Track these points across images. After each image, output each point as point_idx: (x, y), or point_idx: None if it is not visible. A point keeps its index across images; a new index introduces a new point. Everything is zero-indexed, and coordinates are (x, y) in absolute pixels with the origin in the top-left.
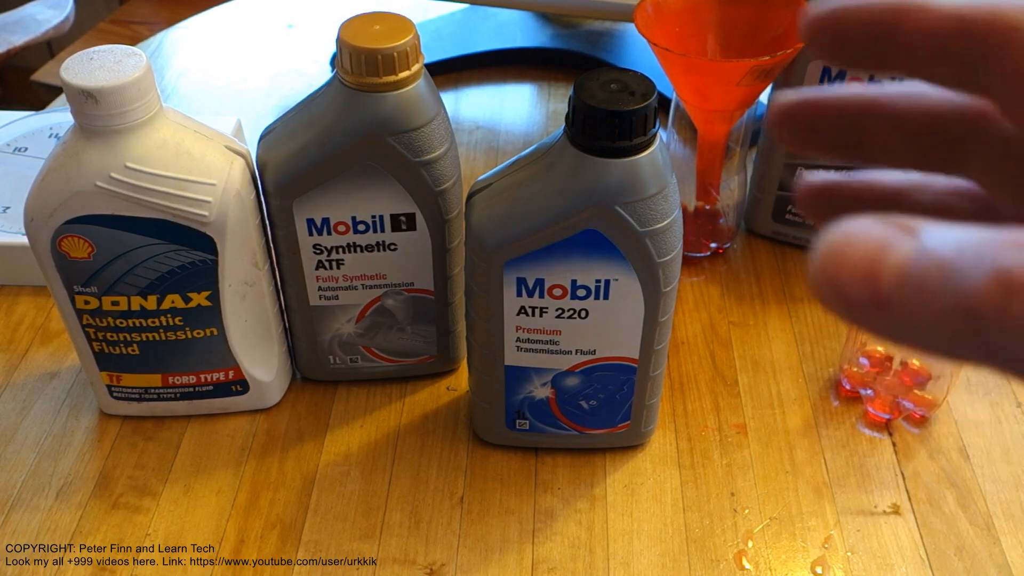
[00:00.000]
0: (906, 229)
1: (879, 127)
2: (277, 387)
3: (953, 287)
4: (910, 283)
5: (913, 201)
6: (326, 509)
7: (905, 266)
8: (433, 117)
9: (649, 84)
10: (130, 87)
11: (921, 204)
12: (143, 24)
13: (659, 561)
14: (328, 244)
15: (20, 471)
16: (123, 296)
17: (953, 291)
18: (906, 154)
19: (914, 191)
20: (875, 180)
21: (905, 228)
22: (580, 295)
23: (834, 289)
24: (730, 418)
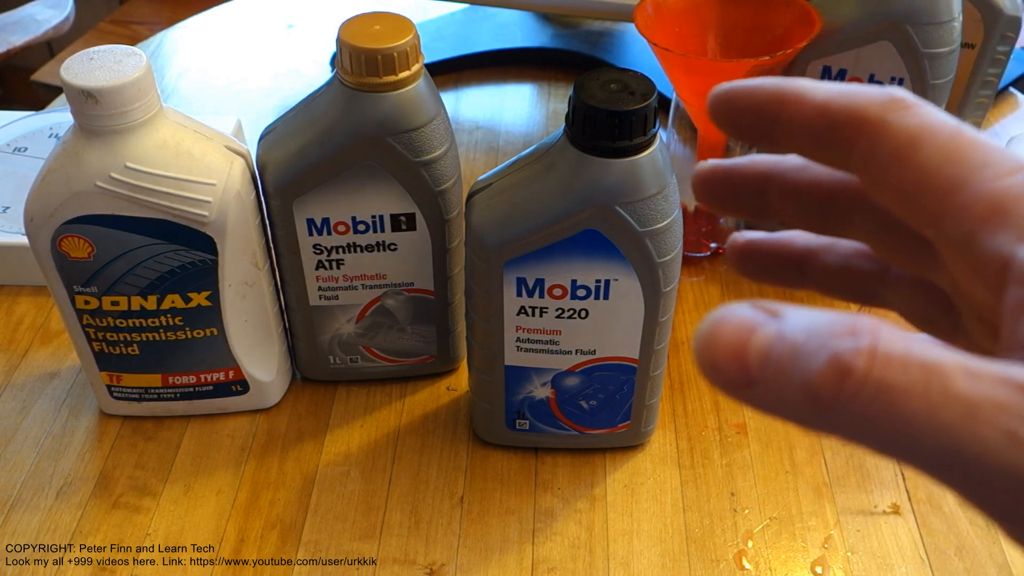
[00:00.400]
0: (771, 313)
1: (781, 195)
2: (277, 387)
3: (801, 369)
4: (769, 365)
5: (822, 261)
6: (326, 509)
7: (766, 349)
8: (433, 117)
9: (649, 84)
10: (130, 87)
11: (829, 264)
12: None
13: (659, 561)
14: (328, 244)
15: (20, 471)
16: (123, 296)
17: (801, 373)
18: (804, 218)
19: (823, 252)
20: (790, 241)
21: (770, 312)
22: (580, 295)
23: (712, 368)
24: (730, 418)
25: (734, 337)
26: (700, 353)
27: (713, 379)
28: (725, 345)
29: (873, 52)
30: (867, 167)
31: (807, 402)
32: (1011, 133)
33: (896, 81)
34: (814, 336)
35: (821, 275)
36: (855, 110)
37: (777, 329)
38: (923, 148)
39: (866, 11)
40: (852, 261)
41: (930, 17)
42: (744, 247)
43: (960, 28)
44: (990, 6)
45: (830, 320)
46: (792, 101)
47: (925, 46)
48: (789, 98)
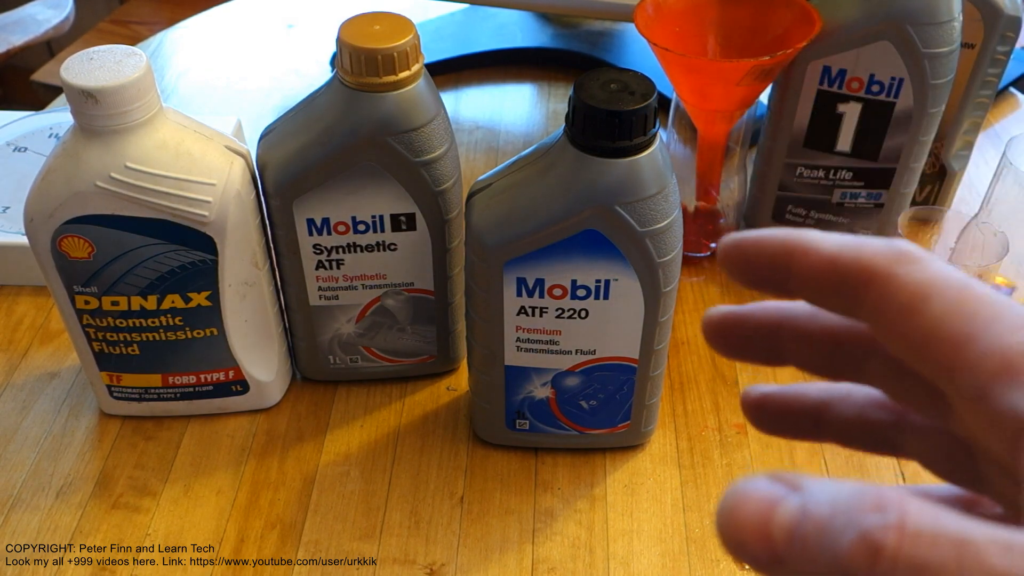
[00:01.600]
0: (792, 485)
1: (793, 341)
2: (277, 387)
3: (829, 548)
4: (796, 542)
5: (838, 413)
6: (326, 509)
7: (791, 526)
8: (433, 117)
9: (649, 84)
10: (130, 87)
11: (844, 416)
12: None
13: (659, 561)
14: (328, 244)
15: (20, 471)
16: (123, 296)
17: (829, 552)
18: (817, 364)
19: (837, 403)
20: (803, 393)
21: (791, 484)
22: (580, 295)
23: (738, 546)
24: (730, 418)
25: (757, 515)
26: (724, 531)
27: (740, 557)
28: (748, 523)
29: (873, 52)
30: (877, 319)
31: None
32: (1011, 133)
33: (896, 81)
34: (840, 511)
35: (837, 427)
36: (863, 263)
37: (800, 505)
38: (932, 302)
39: (866, 11)
40: (868, 411)
41: (930, 17)
42: (758, 401)
43: (960, 28)
44: (990, 6)
45: (854, 493)
46: (801, 254)
47: (925, 46)
48: (798, 251)
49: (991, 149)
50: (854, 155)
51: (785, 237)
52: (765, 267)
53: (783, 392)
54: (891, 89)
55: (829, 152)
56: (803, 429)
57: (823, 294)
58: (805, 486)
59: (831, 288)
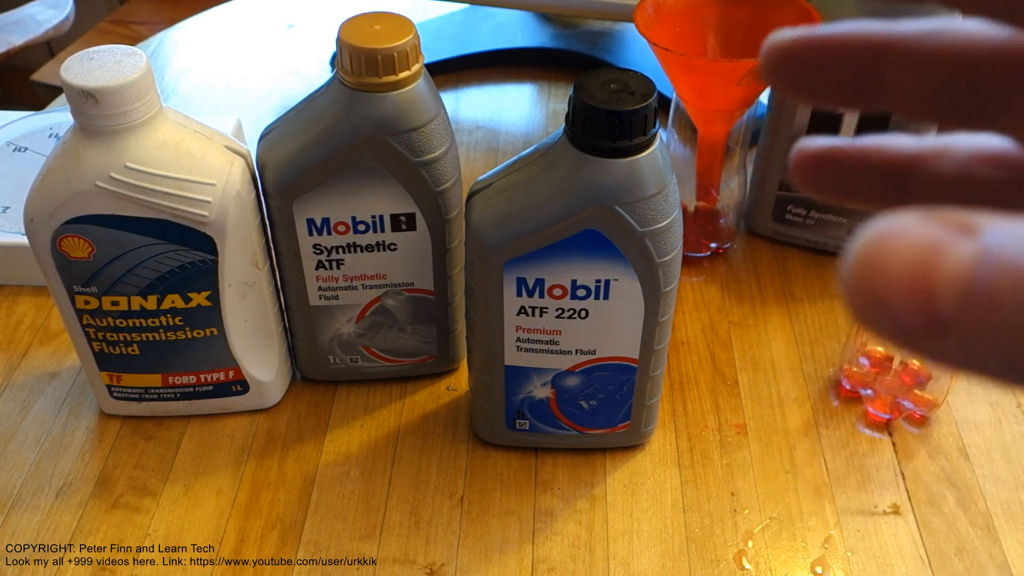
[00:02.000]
0: (963, 228)
1: (900, 71)
2: (277, 387)
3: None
4: (976, 299)
5: (931, 171)
6: (326, 509)
7: (967, 277)
8: (433, 117)
9: (649, 84)
10: (130, 87)
11: (941, 174)
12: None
13: (659, 561)
14: (328, 244)
15: (20, 471)
16: (123, 296)
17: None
18: (932, 104)
19: (932, 158)
20: (884, 146)
21: (961, 226)
22: (580, 295)
23: (878, 310)
24: (730, 418)
25: (912, 262)
26: (858, 285)
27: (877, 325)
28: (900, 274)
29: None
30: None
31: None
32: None
33: None
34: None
35: (931, 189)
36: None
37: (980, 248)
38: None
39: (866, 10)
40: (975, 168)
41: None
42: (818, 155)
43: None
44: None
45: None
46: None
47: None
48: None
49: None
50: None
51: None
52: None
53: (855, 145)
54: None
55: None
56: (881, 193)
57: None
58: (981, 226)
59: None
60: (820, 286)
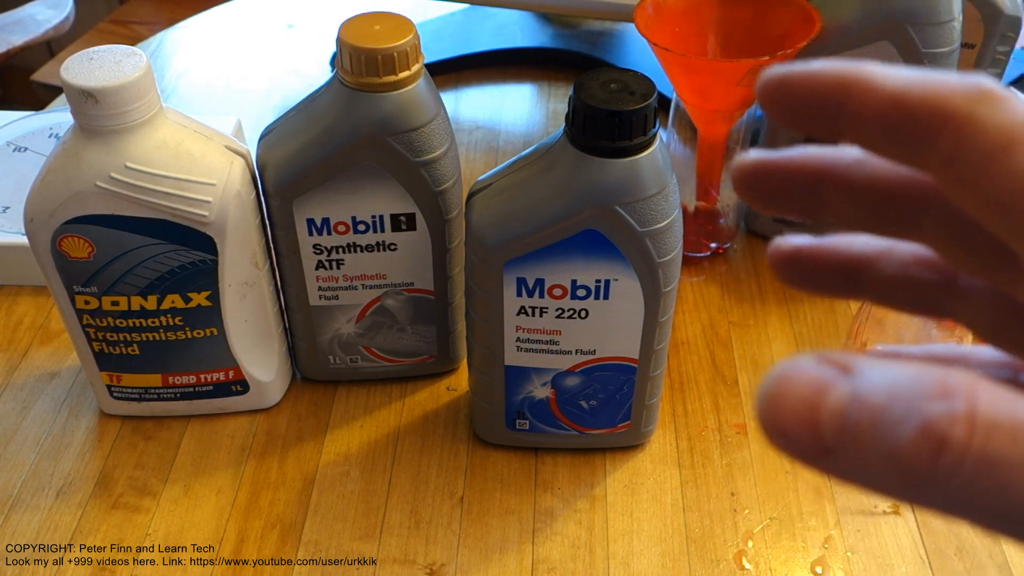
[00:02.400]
0: (843, 368)
1: (835, 192)
2: (277, 387)
3: (885, 439)
4: (847, 432)
5: (879, 271)
6: (326, 509)
7: (842, 413)
8: (433, 117)
9: (649, 84)
10: (130, 87)
11: (887, 274)
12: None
13: (659, 561)
14: (328, 244)
15: (20, 471)
16: (123, 296)
17: (886, 443)
18: (862, 219)
19: (880, 259)
20: (842, 247)
21: (842, 367)
22: (580, 295)
23: (780, 435)
24: (730, 418)
25: (803, 400)
26: (764, 416)
27: (782, 447)
28: (793, 409)
29: (873, 52)
30: (949, 169)
31: (896, 475)
32: None
33: None
34: (898, 397)
35: (878, 285)
36: (937, 102)
37: (852, 389)
38: (1019, 150)
39: (866, 11)
40: (914, 270)
41: (930, 17)
42: (790, 254)
43: (960, 28)
44: (990, 6)
45: (915, 377)
46: (861, 90)
47: (925, 46)
48: (857, 87)
49: None
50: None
51: (842, 70)
52: (815, 103)
53: (818, 244)
54: None
55: None
56: (838, 286)
57: (884, 139)
58: (858, 369)
59: (894, 132)
60: None
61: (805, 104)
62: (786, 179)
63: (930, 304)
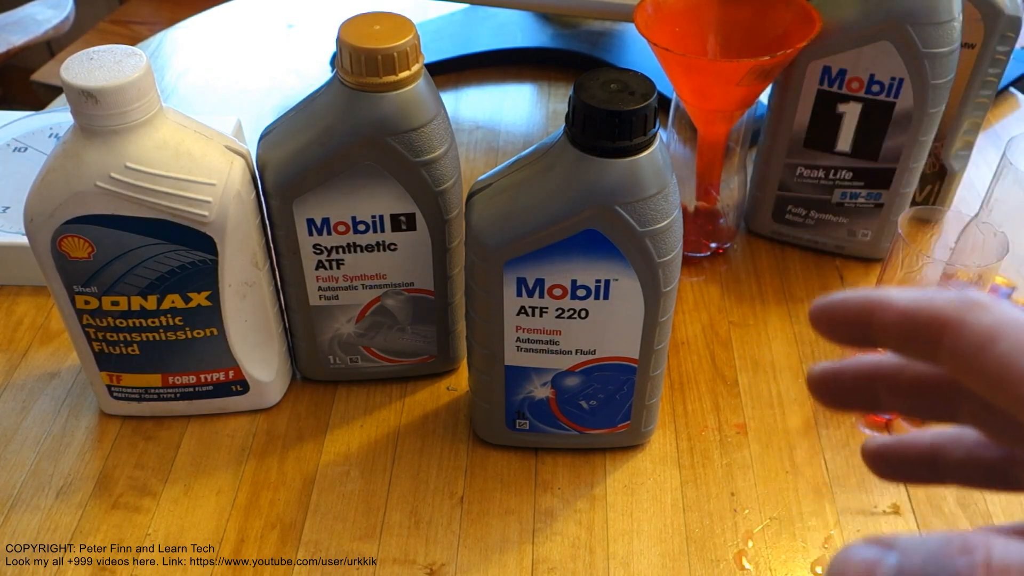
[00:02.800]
0: (886, 546)
1: (887, 392)
2: (277, 387)
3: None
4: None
5: (950, 456)
6: (326, 509)
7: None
8: (433, 117)
9: (649, 84)
10: (130, 87)
11: (957, 458)
12: (143, 24)
13: (659, 561)
14: (328, 244)
15: (20, 471)
16: (123, 296)
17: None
18: (914, 410)
19: (949, 446)
20: (917, 440)
21: (885, 545)
22: (580, 295)
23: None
24: (730, 418)
25: None
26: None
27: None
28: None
29: (873, 52)
30: (954, 361)
31: None
32: (1011, 133)
33: (896, 81)
34: (931, 561)
35: (954, 469)
36: (935, 313)
37: (896, 563)
38: (1001, 342)
39: (866, 11)
40: (977, 451)
41: (930, 17)
42: (876, 453)
43: (960, 28)
44: (990, 6)
45: (942, 541)
46: (879, 311)
47: (925, 46)
48: (877, 309)
49: (991, 149)
50: (854, 155)
51: (864, 298)
52: (851, 325)
53: (897, 441)
54: (891, 89)
55: (829, 152)
56: (922, 474)
57: (903, 343)
58: (899, 544)
59: (909, 338)
60: (820, 286)
61: (844, 326)
62: (848, 385)
63: (1003, 478)
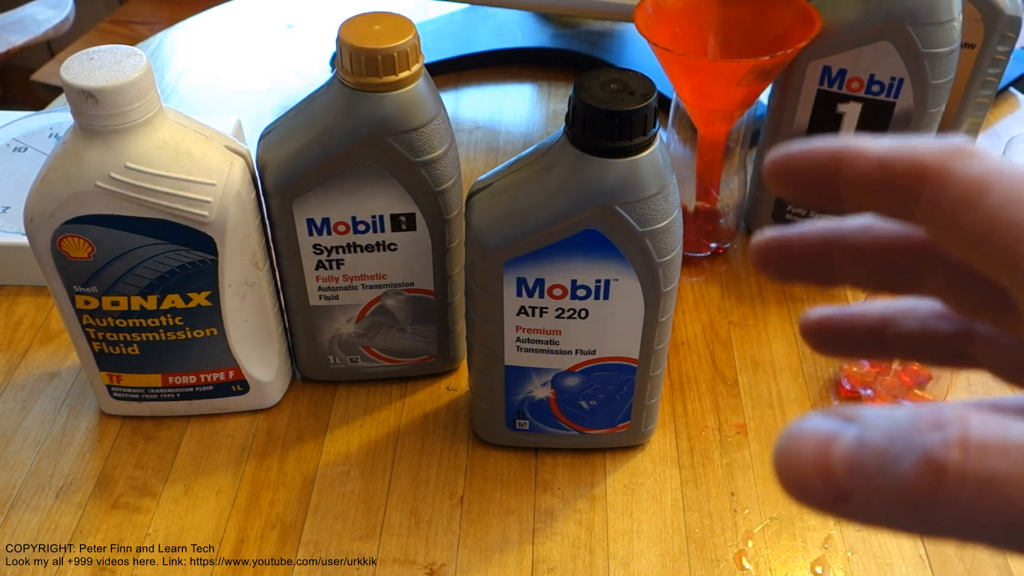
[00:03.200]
0: (847, 418)
1: (843, 258)
2: (277, 387)
3: (891, 476)
4: (857, 475)
5: (901, 328)
6: (326, 509)
7: (849, 459)
8: (433, 117)
9: (649, 84)
10: (130, 87)
11: (908, 331)
12: (143, 24)
13: (659, 561)
14: (328, 244)
15: (20, 471)
16: (123, 296)
17: (892, 479)
18: (872, 280)
19: (900, 319)
20: (864, 313)
21: (846, 417)
22: (580, 295)
23: (798, 488)
24: (730, 418)
25: (814, 452)
26: (783, 474)
27: (802, 500)
28: (807, 463)
29: (873, 52)
30: (933, 216)
31: (906, 508)
32: (1011, 133)
33: (896, 81)
34: (898, 436)
35: (902, 342)
36: (915, 161)
37: (857, 435)
38: (991, 193)
39: (866, 11)
40: (931, 323)
41: (930, 17)
42: (817, 325)
43: (960, 28)
44: (990, 6)
45: (911, 415)
46: (850, 159)
47: (925, 46)
48: (847, 156)
49: (991, 149)
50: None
51: (833, 144)
52: (814, 176)
53: (843, 313)
54: (891, 89)
55: None
56: (866, 348)
57: (875, 197)
58: (860, 416)
59: (883, 190)
60: None
61: (805, 177)
62: (798, 251)
63: (955, 354)
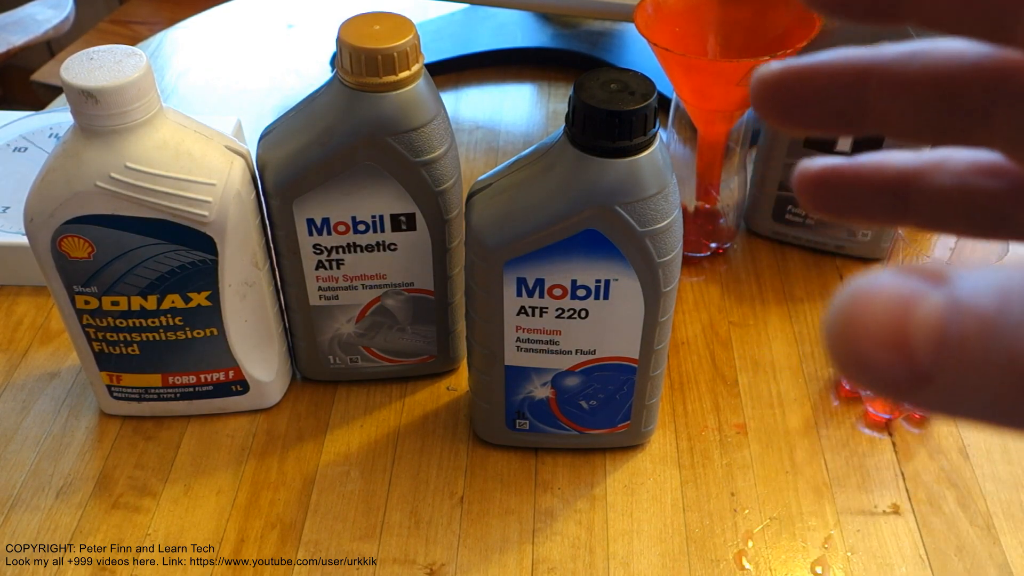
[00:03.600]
0: (934, 278)
1: (882, 93)
2: (277, 387)
3: (1004, 347)
4: (950, 347)
5: (930, 184)
6: (326, 509)
7: (939, 327)
8: (433, 117)
9: (649, 84)
10: (130, 87)
11: (940, 187)
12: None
13: (659, 561)
14: (328, 244)
15: (20, 471)
16: (123, 296)
17: (1004, 352)
18: (916, 123)
19: (930, 172)
20: (883, 162)
21: (933, 277)
22: (580, 295)
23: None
24: (730, 418)
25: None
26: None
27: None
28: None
29: None
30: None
31: (1017, 395)
32: None
33: None
34: (1014, 296)
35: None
36: None
37: (949, 297)
38: None
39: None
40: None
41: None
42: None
43: None
44: None
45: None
46: None
47: None
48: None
49: None
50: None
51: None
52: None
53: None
54: None
55: (829, 152)
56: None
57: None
58: (951, 276)
59: None
60: (820, 286)
61: None
62: (820, 83)
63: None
